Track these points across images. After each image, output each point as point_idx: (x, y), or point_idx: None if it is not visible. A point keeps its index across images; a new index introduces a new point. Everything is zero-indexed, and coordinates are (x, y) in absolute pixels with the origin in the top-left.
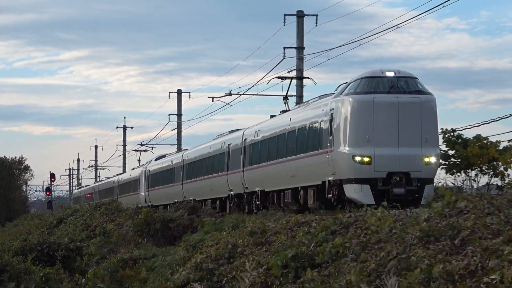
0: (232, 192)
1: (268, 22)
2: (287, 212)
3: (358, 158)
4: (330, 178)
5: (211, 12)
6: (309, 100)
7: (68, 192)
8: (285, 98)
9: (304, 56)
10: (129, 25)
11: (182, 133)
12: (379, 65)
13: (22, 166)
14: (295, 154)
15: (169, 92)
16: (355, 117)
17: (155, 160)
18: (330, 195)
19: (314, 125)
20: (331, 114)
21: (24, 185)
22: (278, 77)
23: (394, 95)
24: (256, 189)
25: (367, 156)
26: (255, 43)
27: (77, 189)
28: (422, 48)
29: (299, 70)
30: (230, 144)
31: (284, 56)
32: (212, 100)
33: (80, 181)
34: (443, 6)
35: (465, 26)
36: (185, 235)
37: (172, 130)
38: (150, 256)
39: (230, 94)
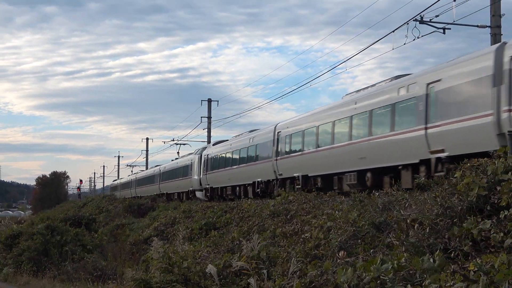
0: (281, 176)
1: (192, 103)
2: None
3: None
4: None
5: (164, 98)
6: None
7: (89, 190)
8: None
9: (211, 122)
10: (122, 104)
11: None
12: (250, 126)
13: (65, 176)
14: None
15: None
16: None
17: (213, 145)
18: None
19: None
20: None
21: (66, 186)
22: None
23: None
24: (299, 174)
25: None
26: (185, 114)
27: (114, 181)
28: (272, 119)
29: (208, 128)
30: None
31: (201, 121)
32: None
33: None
34: (282, 97)
35: (293, 108)
36: (149, 212)
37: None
38: (131, 223)
39: (173, 140)
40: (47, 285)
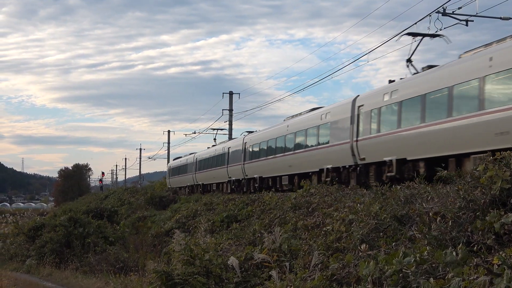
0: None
1: (214, 96)
2: None
3: None
4: None
5: (187, 91)
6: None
7: (111, 182)
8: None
9: (233, 114)
10: (144, 97)
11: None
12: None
13: (87, 168)
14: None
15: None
16: None
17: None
18: None
19: None
20: None
21: (88, 178)
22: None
23: None
24: None
25: None
26: (207, 107)
27: (174, 160)
28: (294, 111)
29: (230, 121)
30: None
31: (222, 113)
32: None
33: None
34: (303, 90)
35: (316, 100)
36: (171, 204)
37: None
38: (152, 215)
39: (194, 132)
40: (70, 276)
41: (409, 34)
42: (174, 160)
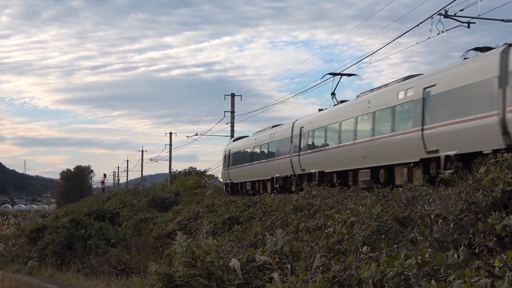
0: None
1: (217, 98)
2: None
3: None
4: None
5: (189, 92)
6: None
7: (113, 184)
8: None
9: (235, 116)
10: (147, 99)
11: None
12: (275, 121)
13: (89, 170)
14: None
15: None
16: None
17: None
18: None
19: None
20: None
21: (90, 180)
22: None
23: None
24: None
25: None
26: (210, 109)
27: (233, 141)
28: (296, 113)
29: (232, 123)
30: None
31: (224, 115)
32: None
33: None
34: (305, 92)
35: (318, 102)
36: (172, 206)
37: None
38: (154, 217)
39: (196, 134)
40: (71, 278)
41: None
42: (236, 140)
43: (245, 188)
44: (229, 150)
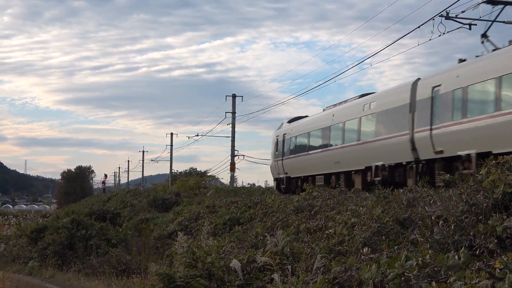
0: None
1: (218, 98)
2: None
3: None
4: None
5: (191, 93)
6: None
7: (114, 184)
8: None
9: (236, 117)
10: (148, 99)
11: None
12: (275, 122)
13: (90, 170)
14: None
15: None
16: None
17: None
18: None
19: None
20: None
21: (91, 180)
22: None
23: None
24: None
25: None
26: (211, 109)
27: (288, 122)
28: (298, 114)
29: (233, 124)
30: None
31: (225, 116)
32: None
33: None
34: (307, 93)
35: (320, 103)
36: (173, 207)
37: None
38: (155, 217)
39: (197, 135)
40: (72, 278)
41: (289, 121)
42: (293, 120)
43: (311, 184)
44: (284, 135)
